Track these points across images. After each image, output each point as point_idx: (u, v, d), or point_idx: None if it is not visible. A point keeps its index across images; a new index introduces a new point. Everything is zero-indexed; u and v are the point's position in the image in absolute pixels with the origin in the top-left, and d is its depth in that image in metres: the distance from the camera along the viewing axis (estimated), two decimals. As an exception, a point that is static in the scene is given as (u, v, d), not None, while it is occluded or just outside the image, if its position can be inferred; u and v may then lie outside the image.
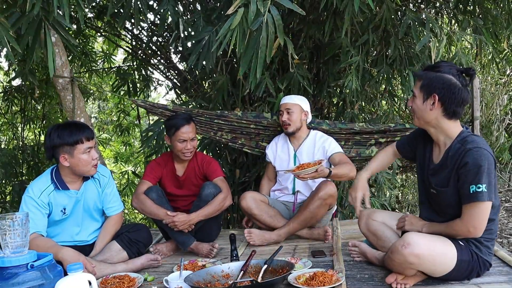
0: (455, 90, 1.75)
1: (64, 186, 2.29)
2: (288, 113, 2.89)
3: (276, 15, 2.23)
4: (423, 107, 1.82)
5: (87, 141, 2.22)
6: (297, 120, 2.90)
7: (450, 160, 1.80)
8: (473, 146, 1.72)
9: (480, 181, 1.68)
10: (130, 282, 2.12)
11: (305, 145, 2.93)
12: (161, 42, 4.32)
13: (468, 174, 1.71)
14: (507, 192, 5.99)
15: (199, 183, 2.78)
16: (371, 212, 2.26)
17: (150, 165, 2.84)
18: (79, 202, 2.36)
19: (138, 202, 2.62)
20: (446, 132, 1.83)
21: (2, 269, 1.60)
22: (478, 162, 1.69)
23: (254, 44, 2.28)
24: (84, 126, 2.27)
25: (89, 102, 6.94)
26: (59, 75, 2.92)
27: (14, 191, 4.36)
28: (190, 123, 2.71)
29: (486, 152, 1.71)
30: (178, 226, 2.52)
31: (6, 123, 5.42)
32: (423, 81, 1.81)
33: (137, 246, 2.44)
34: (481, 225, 1.73)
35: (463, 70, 1.80)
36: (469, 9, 3.63)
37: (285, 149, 3.00)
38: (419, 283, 1.90)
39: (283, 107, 2.93)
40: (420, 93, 1.82)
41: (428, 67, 1.85)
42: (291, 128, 2.90)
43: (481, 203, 1.70)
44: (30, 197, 2.22)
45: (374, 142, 3.21)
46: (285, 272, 1.92)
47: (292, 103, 2.91)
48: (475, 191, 1.69)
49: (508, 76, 6.16)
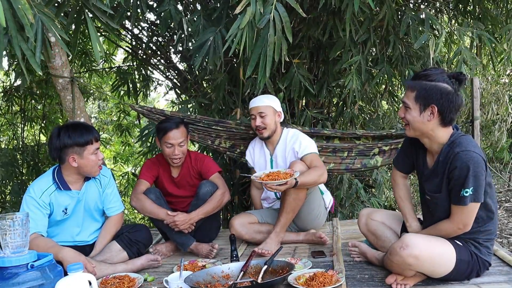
0: (452, 98, 1.74)
1: (66, 186, 2.29)
2: (262, 117, 2.70)
3: (282, 12, 2.22)
4: (419, 119, 1.78)
5: (96, 142, 2.25)
6: (271, 123, 2.71)
7: (441, 165, 1.81)
8: (460, 150, 1.72)
9: (468, 185, 1.70)
10: (130, 283, 2.12)
11: (278, 147, 2.78)
12: (161, 42, 4.32)
13: (458, 178, 1.72)
14: (507, 192, 5.98)
15: (195, 183, 2.77)
16: (371, 212, 2.26)
17: (146, 164, 2.83)
18: (80, 202, 2.36)
19: (137, 201, 2.62)
20: (440, 140, 1.82)
21: (2, 269, 1.60)
22: (465, 165, 1.70)
23: (262, 42, 2.26)
24: (91, 127, 2.31)
25: (89, 102, 6.94)
26: (59, 75, 2.92)
27: (14, 191, 4.36)
28: (179, 127, 2.65)
29: (474, 155, 1.71)
30: (179, 226, 2.51)
31: (6, 123, 5.42)
32: (417, 92, 1.77)
33: (137, 246, 2.44)
34: (469, 222, 1.78)
35: (454, 76, 1.77)
36: (469, 9, 3.63)
37: (262, 153, 2.87)
38: (419, 283, 1.90)
39: (254, 111, 2.73)
40: (416, 105, 1.78)
41: (418, 76, 1.80)
42: (267, 132, 2.72)
43: (468, 205, 1.73)
44: (31, 197, 2.22)
45: (378, 151, 3.13)
46: (285, 273, 1.93)
47: (264, 106, 2.70)
48: (464, 196, 1.71)
49: (509, 76, 6.16)
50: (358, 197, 4.09)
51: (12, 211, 4.06)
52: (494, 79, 5.99)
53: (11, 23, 1.83)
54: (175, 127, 2.63)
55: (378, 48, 3.35)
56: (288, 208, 2.54)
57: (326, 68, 3.59)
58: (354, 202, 4.00)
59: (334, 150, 3.13)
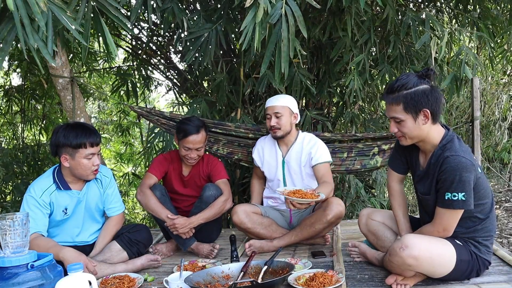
0: (436, 95, 1.77)
1: (66, 186, 2.29)
2: (277, 117, 2.64)
3: (294, 5, 2.18)
4: (415, 127, 1.79)
5: (90, 146, 2.20)
6: (287, 124, 2.66)
7: (432, 167, 1.82)
8: (450, 154, 1.73)
9: (456, 190, 1.71)
10: (130, 283, 2.12)
11: (293, 150, 2.71)
12: (161, 42, 4.32)
13: (445, 181, 1.73)
14: (507, 192, 5.97)
15: (202, 184, 2.76)
16: (371, 212, 2.27)
17: (157, 159, 2.81)
18: (81, 203, 2.36)
19: (143, 196, 2.60)
20: (432, 140, 1.83)
21: (2, 269, 1.60)
22: (454, 170, 1.70)
23: (275, 38, 2.21)
24: (91, 131, 2.24)
25: (89, 102, 6.94)
26: (59, 75, 2.92)
27: (14, 191, 4.36)
28: (199, 132, 2.62)
29: (463, 160, 1.71)
30: (178, 229, 2.51)
31: (6, 123, 5.42)
32: (404, 104, 1.77)
33: (137, 247, 2.44)
34: (450, 228, 1.79)
35: (424, 74, 1.79)
36: (470, 8, 3.63)
37: (272, 154, 2.79)
38: (419, 283, 1.90)
39: (270, 110, 2.67)
40: (407, 115, 1.78)
41: (394, 89, 1.79)
42: (280, 132, 2.67)
43: (454, 211, 1.74)
44: (31, 197, 2.22)
45: (377, 150, 3.13)
46: (285, 273, 1.93)
47: (281, 106, 2.65)
48: (450, 199, 1.72)
49: (509, 76, 6.17)
50: (358, 197, 4.09)
51: (12, 211, 4.07)
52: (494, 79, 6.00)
53: (22, 10, 1.79)
54: (196, 132, 2.61)
55: (379, 48, 3.35)
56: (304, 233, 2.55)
57: (327, 68, 3.59)
58: (354, 202, 4.00)
59: (333, 150, 3.11)
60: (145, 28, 4.30)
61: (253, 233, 2.64)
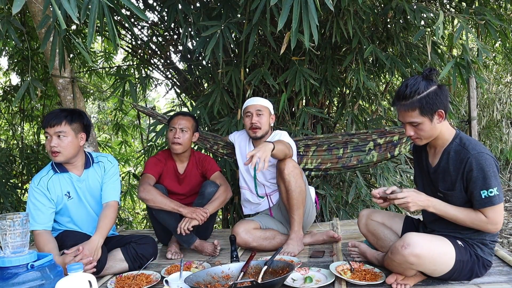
0: (445, 93, 1.81)
1: (63, 169, 2.33)
2: (258, 115, 2.68)
3: None
4: (432, 127, 1.82)
5: (50, 127, 2.23)
6: (266, 123, 2.70)
7: (452, 162, 1.83)
8: (476, 152, 1.77)
9: (491, 186, 1.74)
10: (147, 279, 2.17)
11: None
12: (161, 42, 4.32)
13: (477, 180, 1.75)
14: (507, 192, 5.99)
15: (197, 181, 2.83)
16: (371, 212, 2.26)
17: (151, 161, 2.81)
18: (82, 188, 2.36)
19: (147, 193, 2.57)
20: (444, 135, 1.87)
21: (2, 269, 1.61)
22: (484, 167, 1.74)
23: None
24: (56, 113, 2.26)
25: (89, 102, 6.94)
26: (59, 75, 2.92)
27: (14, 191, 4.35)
28: (186, 116, 2.77)
29: (488, 156, 1.77)
30: (196, 218, 2.49)
31: (6, 123, 5.42)
32: (419, 108, 1.79)
33: (141, 261, 2.40)
34: (501, 223, 1.81)
35: (427, 74, 1.81)
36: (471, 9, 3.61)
37: (245, 148, 2.83)
38: (419, 283, 1.90)
39: (252, 108, 2.70)
40: (424, 118, 1.80)
41: (406, 96, 1.79)
42: (261, 132, 2.69)
43: (496, 206, 1.76)
44: (31, 187, 2.28)
45: (373, 145, 3.10)
46: (285, 273, 1.92)
47: (262, 105, 2.71)
48: (488, 196, 1.75)
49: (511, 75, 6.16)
50: (358, 197, 4.08)
51: (12, 211, 4.06)
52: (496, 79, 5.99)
53: None
54: (182, 115, 2.79)
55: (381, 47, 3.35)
56: (296, 203, 2.50)
57: (327, 67, 3.58)
58: (354, 202, 4.00)
59: (329, 147, 3.12)
60: (145, 28, 4.30)
61: (260, 250, 2.58)
